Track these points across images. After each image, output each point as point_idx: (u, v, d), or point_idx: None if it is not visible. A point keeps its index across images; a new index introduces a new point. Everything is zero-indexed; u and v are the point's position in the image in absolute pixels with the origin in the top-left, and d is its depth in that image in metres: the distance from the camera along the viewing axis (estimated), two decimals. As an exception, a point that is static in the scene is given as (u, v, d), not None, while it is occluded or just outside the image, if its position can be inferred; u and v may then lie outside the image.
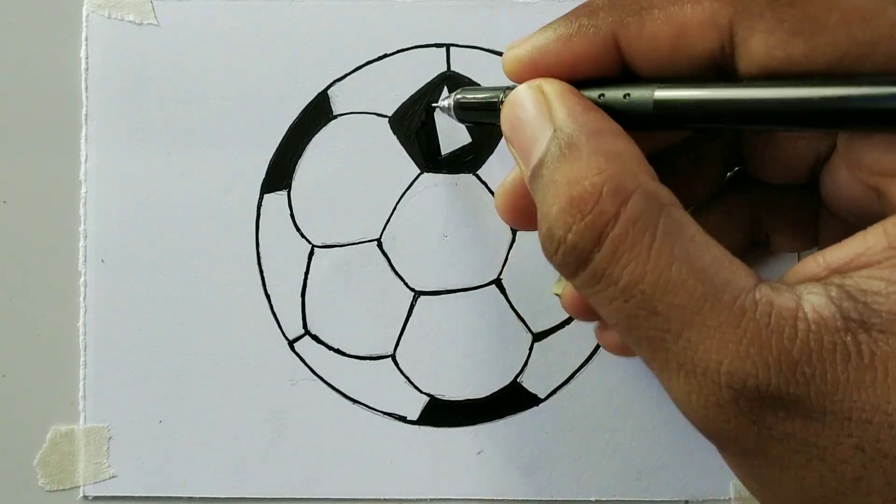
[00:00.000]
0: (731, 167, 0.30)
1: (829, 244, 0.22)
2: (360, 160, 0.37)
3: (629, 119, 0.24)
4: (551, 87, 0.24)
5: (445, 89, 0.36)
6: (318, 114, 0.37)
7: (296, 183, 0.37)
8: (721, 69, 0.23)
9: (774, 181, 0.29)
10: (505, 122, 0.25)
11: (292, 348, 0.37)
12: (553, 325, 0.37)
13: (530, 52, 0.25)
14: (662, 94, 0.23)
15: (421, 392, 0.37)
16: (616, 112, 0.24)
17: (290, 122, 0.37)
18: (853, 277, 0.20)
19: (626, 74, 0.25)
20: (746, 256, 0.24)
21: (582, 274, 0.22)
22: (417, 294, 0.37)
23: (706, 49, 0.23)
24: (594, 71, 0.24)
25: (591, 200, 0.21)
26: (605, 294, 0.22)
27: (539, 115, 0.24)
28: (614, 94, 0.24)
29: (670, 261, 0.21)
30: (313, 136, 0.37)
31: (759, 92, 0.22)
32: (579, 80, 0.25)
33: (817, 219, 0.29)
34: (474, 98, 0.29)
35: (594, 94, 0.24)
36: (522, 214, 0.28)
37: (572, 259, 0.22)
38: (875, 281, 0.20)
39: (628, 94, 0.24)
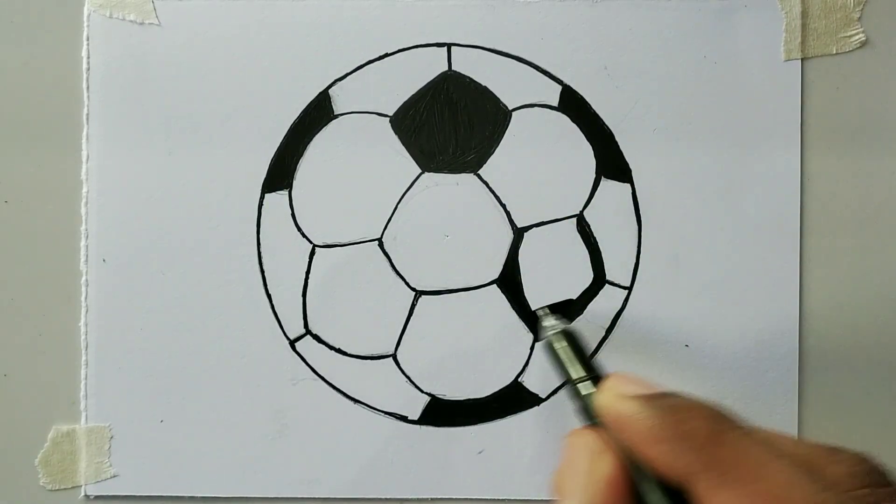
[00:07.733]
0: None
1: None
2: (361, 160, 0.37)
3: None
4: (597, 476, 0.25)
5: (551, 318, 0.34)
6: (319, 113, 0.37)
7: (297, 182, 0.37)
8: None
9: None
10: (561, 454, 0.26)
11: (293, 348, 0.37)
12: (554, 324, 0.37)
13: (618, 417, 0.24)
14: None
15: (422, 392, 0.37)
16: None
17: (291, 122, 0.37)
18: None
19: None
20: None
21: None
22: (418, 294, 0.37)
23: None
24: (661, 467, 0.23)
25: None
26: None
27: (576, 478, 0.25)
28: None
29: None
30: (314, 135, 0.37)
31: None
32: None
33: None
34: (561, 357, 0.31)
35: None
36: None
37: None
38: None
39: None
